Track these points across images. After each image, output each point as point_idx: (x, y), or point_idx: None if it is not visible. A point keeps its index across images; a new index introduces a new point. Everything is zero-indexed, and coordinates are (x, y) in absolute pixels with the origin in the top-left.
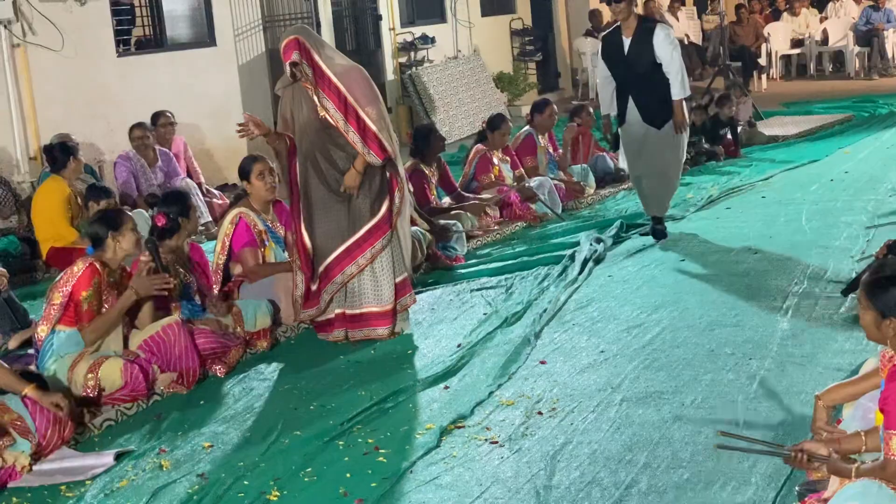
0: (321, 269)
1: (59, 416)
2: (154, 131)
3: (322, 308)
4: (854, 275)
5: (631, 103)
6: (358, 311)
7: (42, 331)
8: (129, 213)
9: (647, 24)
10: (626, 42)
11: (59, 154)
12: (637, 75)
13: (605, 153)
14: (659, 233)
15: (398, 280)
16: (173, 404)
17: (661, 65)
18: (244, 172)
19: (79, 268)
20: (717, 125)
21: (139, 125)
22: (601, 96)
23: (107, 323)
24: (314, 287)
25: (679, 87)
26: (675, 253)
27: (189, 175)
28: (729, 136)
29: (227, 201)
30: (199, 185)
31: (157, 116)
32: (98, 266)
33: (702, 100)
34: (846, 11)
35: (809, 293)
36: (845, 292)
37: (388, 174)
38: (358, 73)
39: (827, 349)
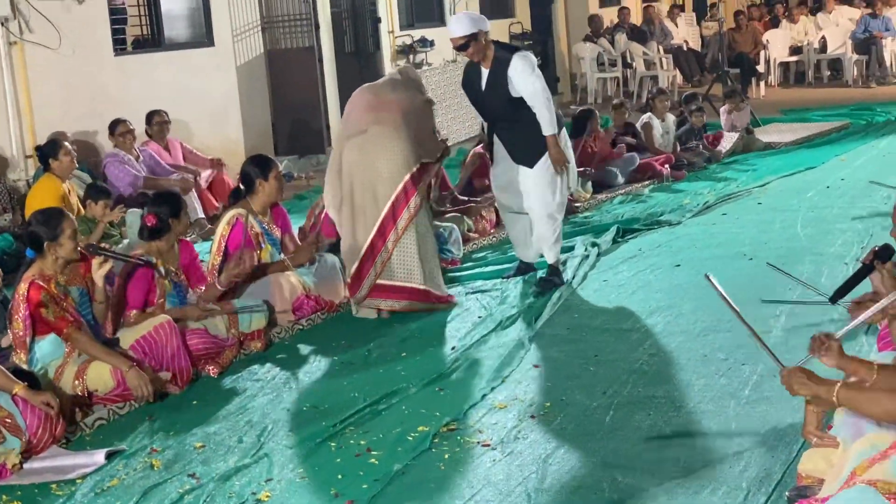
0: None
1: (50, 415)
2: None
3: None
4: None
5: (497, 141)
6: None
7: (20, 358)
8: (72, 218)
9: (503, 55)
10: (485, 74)
11: (46, 150)
12: (498, 112)
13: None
14: (547, 282)
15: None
16: (166, 405)
17: (523, 99)
18: (261, 170)
19: (22, 291)
20: (690, 135)
21: (121, 121)
22: None
23: (91, 352)
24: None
25: (548, 122)
26: (670, 258)
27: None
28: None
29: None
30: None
31: (152, 115)
32: (40, 282)
33: (694, 104)
34: (841, 15)
35: (803, 299)
36: (833, 300)
37: None
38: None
39: None
